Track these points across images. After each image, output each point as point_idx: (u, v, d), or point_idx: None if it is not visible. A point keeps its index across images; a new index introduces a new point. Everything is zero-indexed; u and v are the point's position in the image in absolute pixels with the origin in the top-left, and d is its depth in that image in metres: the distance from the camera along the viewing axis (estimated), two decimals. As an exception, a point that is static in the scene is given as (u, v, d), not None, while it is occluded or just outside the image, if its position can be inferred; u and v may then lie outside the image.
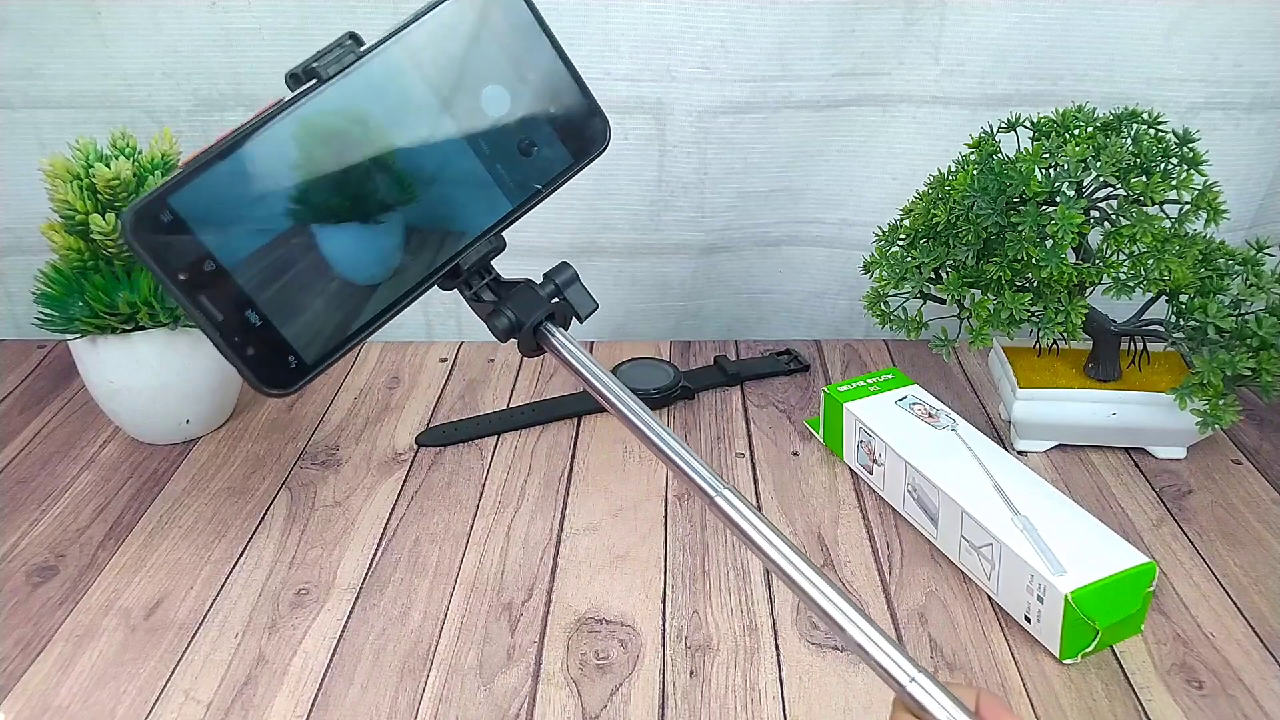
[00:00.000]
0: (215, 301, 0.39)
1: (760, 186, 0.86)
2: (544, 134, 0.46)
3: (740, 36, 0.79)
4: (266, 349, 0.40)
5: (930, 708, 0.32)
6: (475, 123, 0.44)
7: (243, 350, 0.40)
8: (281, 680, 0.54)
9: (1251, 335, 0.64)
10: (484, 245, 0.46)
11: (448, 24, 0.43)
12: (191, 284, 0.38)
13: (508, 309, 0.46)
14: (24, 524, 0.66)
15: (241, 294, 0.40)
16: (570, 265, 0.48)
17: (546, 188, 0.46)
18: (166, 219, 0.38)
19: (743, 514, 0.40)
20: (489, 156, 0.45)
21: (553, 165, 0.46)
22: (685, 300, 0.91)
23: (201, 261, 0.39)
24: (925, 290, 0.70)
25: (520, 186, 0.46)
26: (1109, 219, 0.66)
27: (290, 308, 0.41)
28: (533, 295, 0.47)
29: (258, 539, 0.65)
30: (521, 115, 0.45)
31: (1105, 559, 0.55)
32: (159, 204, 0.37)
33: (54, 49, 0.79)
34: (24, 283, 0.72)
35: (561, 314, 0.47)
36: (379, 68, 0.42)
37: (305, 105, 0.41)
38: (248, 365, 0.40)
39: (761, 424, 0.78)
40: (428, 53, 0.43)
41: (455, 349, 0.89)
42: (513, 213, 0.46)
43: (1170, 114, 0.69)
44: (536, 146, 0.46)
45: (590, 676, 0.54)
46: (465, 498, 0.69)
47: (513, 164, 0.45)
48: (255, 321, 0.40)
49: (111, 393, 0.72)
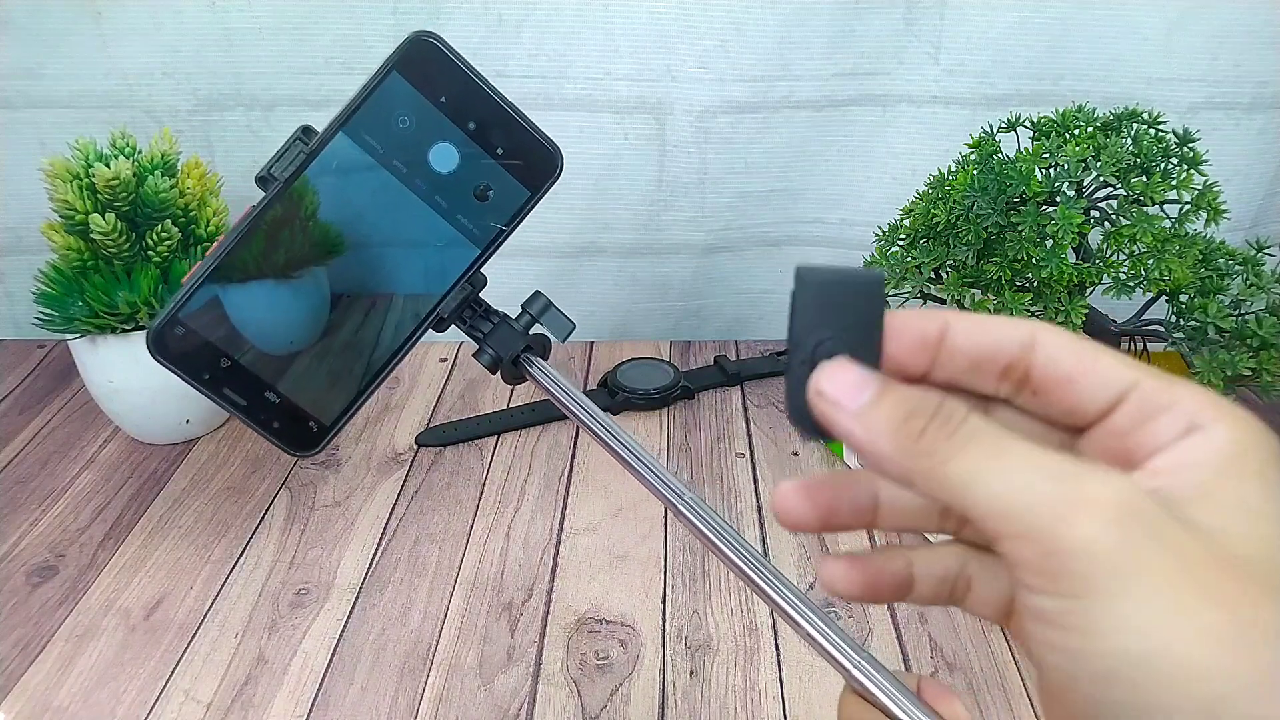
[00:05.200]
0: (237, 390, 0.46)
1: (760, 186, 0.86)
2: (496, 176, 0.48)
3: (740, 36, 0.79)
4: (289, 420, 0.47)
5: (874, 690, 0.33)
6: (430, 183, 0.47)
7: (269, 425, 0.47)
8: (281, 680, 0.54)
9: (1252, 335, 0.64)
10: (460, 291, 0.49)
11: (384, 100, 0.46)
12: (214, 380, 0.45)
13: (489, 345, 0.50)
14: (24, 524, 0.66)
15: (258, 380, 0.46)
16: (542, 294, 0.51)
17: (510, 225, 0.49)
18: (180, 333, 0.44)
19: (708, 521, 0.39)
20: (448, 210, 0.48)
21: (511, 203, 0.48)
22: (685, 300, 0.91)
23: (218, 360, 0.45)
24: (925, 290, 0.70)
25: (484, 230, 0.49)
26: (1109, 219, 0.66)
27: (302, 381, 0.47)
28: (509, 331, 0.50)
29: (258, 539, 0.65)
30: (471, 164, 0.48)
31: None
32: (173, 321, 0.44)
33: (55, 49, 0.78)
34: (24, 283, 0.72)
35: (539, 343, 0.50)
36: (330, 158, 0.46)
37: (271, 207, 0.45)
38: (276, 437, 0.47)
39: (762, 424, 0.78)
40: (370, 131, 0.46)
41: (455, 349, 0.89)
42: (481, 256, 0.49)
43: (1170, 114, 0.69)
44: (491, 189, 0.48)
45: (590, 676, 0.54)
46: (465, 498, 0.69)
47: (472, 211, 0.48)
48: (274, 399, 0.47)
49: (111, 393, 0.72)
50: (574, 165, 0.83)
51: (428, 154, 0.47)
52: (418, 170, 0.47)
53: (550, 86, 0.80)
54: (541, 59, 0.79)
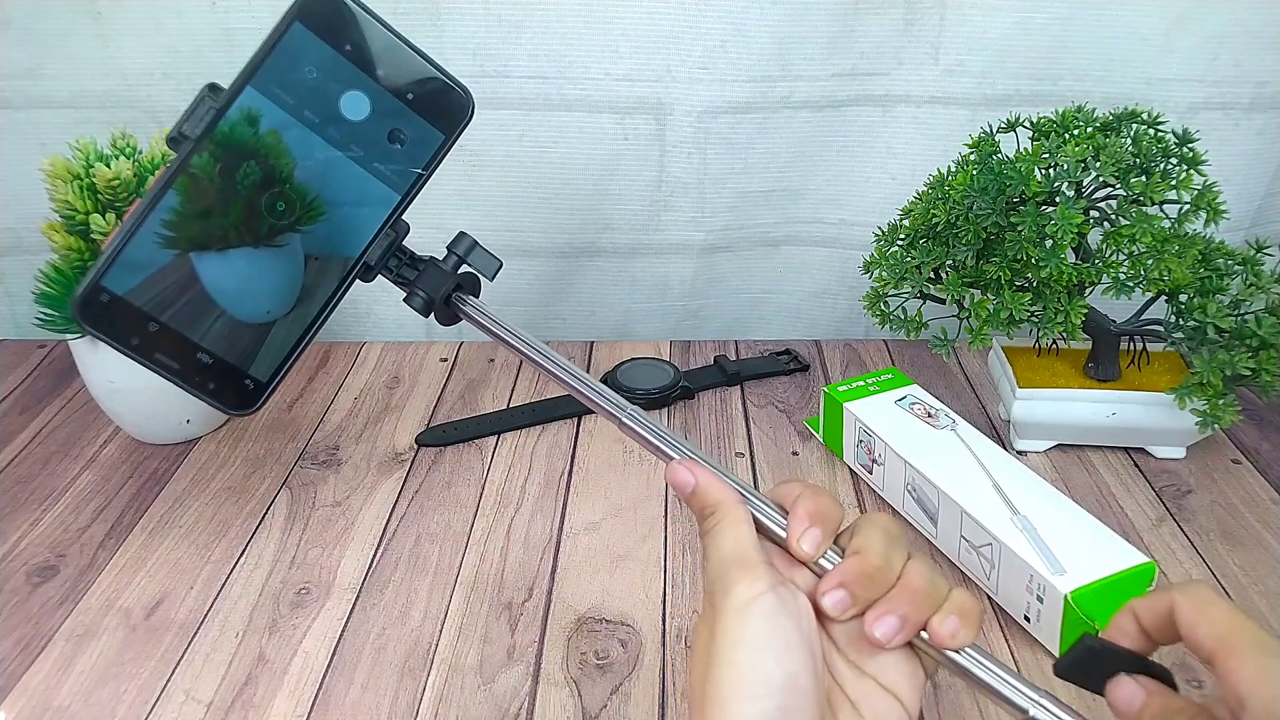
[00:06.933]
0: (168, 354, 0.45)
1: (760, 186, 0.86)
2: (409, 121, 0.48)
3: (740, 37, 0.79)
4: (224, 380, 0.47)
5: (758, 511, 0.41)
6: (343, 132, 0.47)
7: (205, 387, 0.46)
8: (281, 680, 0.54)
9: (1251, 335, 0.64)
10: (385, 237, 0.49)
11: (288, 52, 0.45)
12: (144, 346, 0.44)
13: (419, 288, 0.50)
14: (24, 524, 0.66)
15: (187, 342, 0.46)
16: (468, 235, 0.51)
17: (427, 169, 0.49)
18: (105, 300, 0.43)
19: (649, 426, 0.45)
20: (364, 158, 0.48)
21: (427, 147, 0.49)
22: (685, 300, 0.92)
23: (145, 325, 0.44)
24: (925, 290, 0.70)
25: (402, 176, 0.49)
26: (1108, 219, 0.66)
27: (233, 340, 0.47)
28: (438, 271, 0.50)
29: (258, 539, 0.65)
30: (382, 111, 0.48)
31: (1105, 559, 0.55)
32: (96, 289, 0.43)
33: (55, 49, 0.79)
34: (24, 283, 0.72)
35: (469, 282, 0.51)
36: (238, 114, 0.45)
37: (186, 167, 0.44)
38: (213, 397, 0.46)
39: (761, 424, 0.78)
40: (279, 83, 0.45)
41: (455, 349, 0.89)
42: (402, 201, 0.49)
43: (1170, 114, 0.69)
44: (405, 134, 0.48)
45: (590, 676, 0.54)
46: (465, 497, 0.69)
47: (389, 157, 0.48)
48: (206, 360, 0.46)
49: (111, 392, 0.72)
50: (574, 166, 0.84)
51: (339, 103, 0.47)
52: (330, 120, 0.47)
53: (550, 87, 0.80)
54: (541, 59, 0.79)
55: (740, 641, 0.35)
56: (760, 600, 0.36)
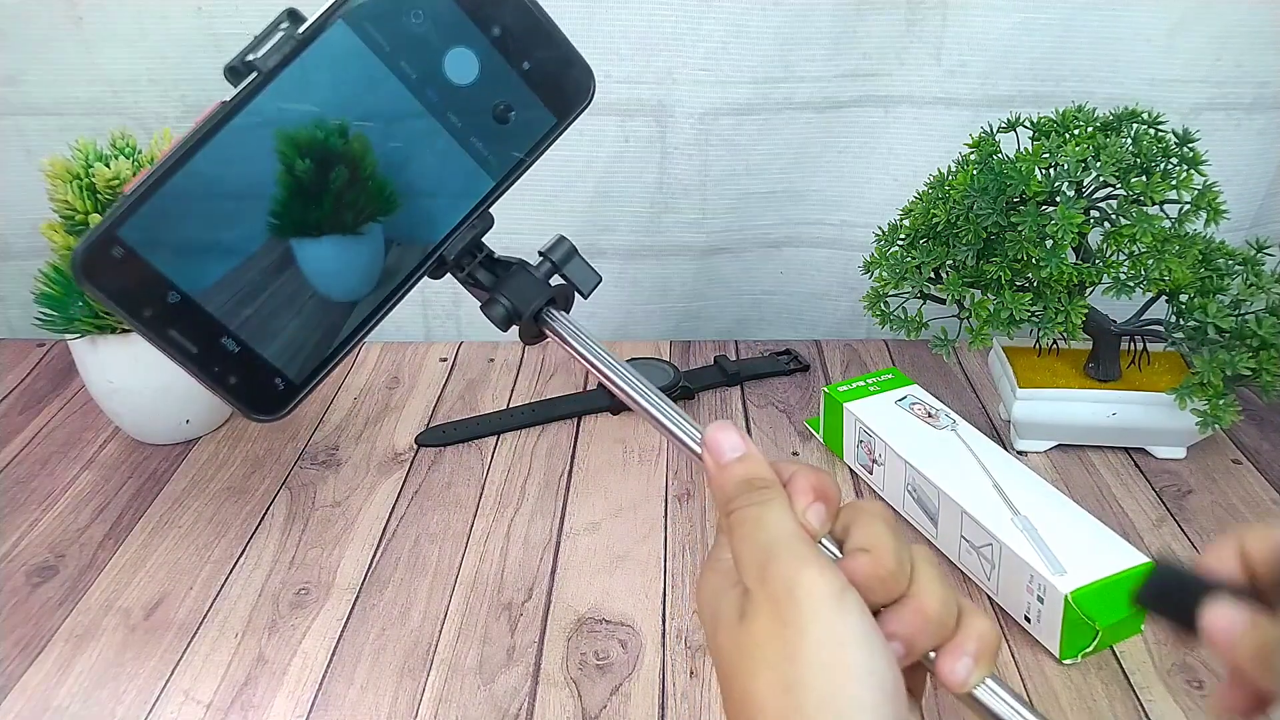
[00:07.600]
0: (186, 334, 0.37)
1: (761, 188, 0.86)
2: (520, 95, 0.41)
3: (741, 38, 0.79)
4: (249, 374, 0.38)
5: None
6: (443, 95, 0.40)
7: (224, 380, 0.38)
8: (281, 680, 0.54)
9: (1251, 335, 0.64)
10: (469, 229, 0.42)
11: None
12: (158, 320, 0.36)
13: (503, 297, 0.42)
14: (24, 524, 0.66)
15: (213, 321, 0.37)
16: (567, 239, 0.44)
17: (530, 155, 0.42)
18: (119, 254, 0.35)
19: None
20: (462, 130, 0.40)
21: (535, 129, 0.41)
22: (686, 302, 0.91)
23: (165, 294, 0.36)
24: (925, 290, 0.70)
25: (501, 159, 0.41)
26: (1109, 219, 0.66)
27: (268, 329, 0.38)
28: (528, 279, 0.42)
29: (258, 539, 0.65)
30: (492, 78, 0.40)
31: (1105, 559, 0.55)
32: (109, 239, 0.34)
33: (36, 56, 0.77)
34: (13, 288, 0.71)
35: (562, 295, 0.43)
36: (324, 50, 0.37)
37: (249, 106, 0.36)
38: (232, 394, 0.38)
39: (761, 424, 0.78)
40: (376, 23, 0.38)
41: (455, 349, 0.89)
42: (496, 188, 0.42)
43: (1172, 115, 0.69)
44: (514, 110, 0.41)
45: (590, 676, 0.54)
46: (465, 498, 0.69)
47: (490, 134, 0.41)
48: (232, 348, 0.38)
49: (111, 393, 0.72)
50: (575, 167, 0.84)
51: (443, 60, 0.39)
52: (430, 78, 0.39)
53: (551, 87, 0.80)
54: (542, 60, 0.79)
55: (846, 640, 0.30)
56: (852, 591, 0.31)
